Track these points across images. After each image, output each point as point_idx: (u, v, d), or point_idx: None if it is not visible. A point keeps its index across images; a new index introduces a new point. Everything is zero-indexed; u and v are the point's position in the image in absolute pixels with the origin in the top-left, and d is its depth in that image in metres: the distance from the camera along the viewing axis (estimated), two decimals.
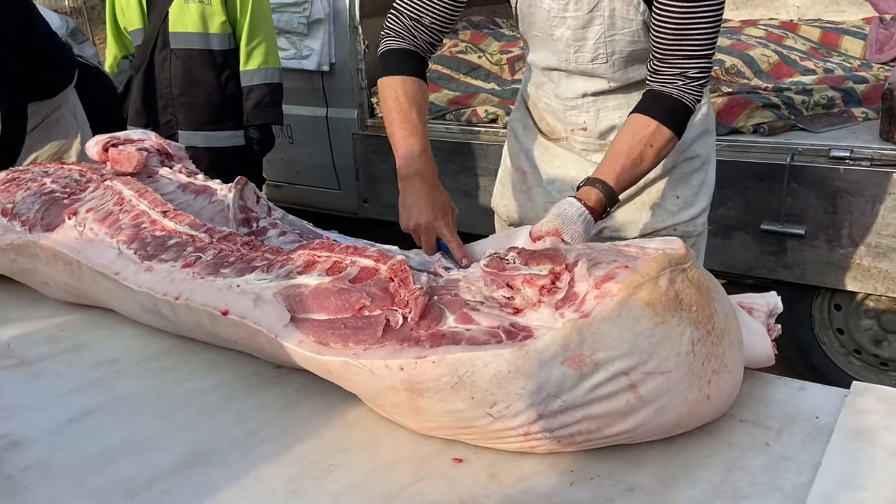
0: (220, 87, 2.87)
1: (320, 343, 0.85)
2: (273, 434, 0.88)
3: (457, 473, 0.79)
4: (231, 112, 2.92)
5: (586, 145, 1.49)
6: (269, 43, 2.87)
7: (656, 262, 0.79)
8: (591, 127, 1.46)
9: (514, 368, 0.75)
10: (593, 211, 1.17)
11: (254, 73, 2.86)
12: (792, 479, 0.76)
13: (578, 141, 1.49)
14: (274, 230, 1.32)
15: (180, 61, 2.81)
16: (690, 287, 0.79)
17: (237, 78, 2.90)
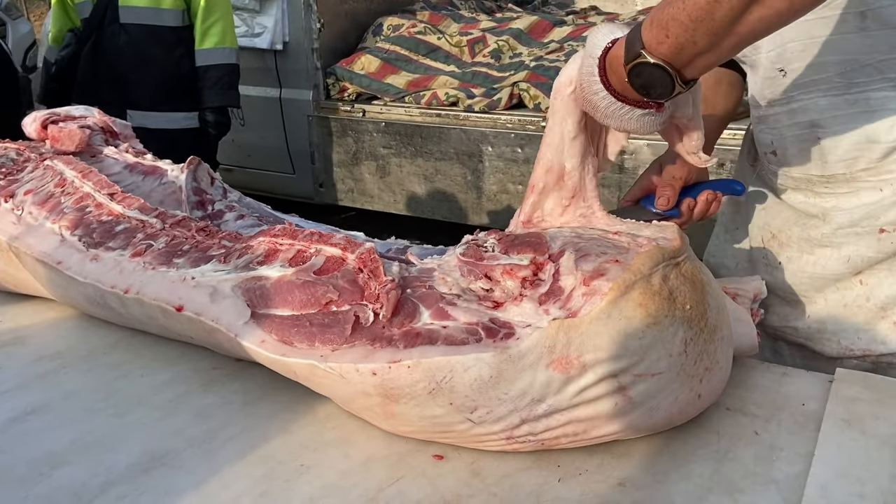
0: (173, 66, 2.76)
1: (284, 342, 0.78)
2: (236, 433, 0.82)
3: (438, 471, 0.75)
4: (184, 93, 2.81)
5: (780, 178, 1.09)
6: (226, 21, 2.77)
7: (649, 258, 0.74)
8: (780, 151, 1.07)
9: (496, 373, 0.70)
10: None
11: (210, 52, 2.75)
12: (785, 469, 0.73)
13: (770, 170, 1.12)
14: (231, 213, 1.25)
15: (130, 37, 2.68)
16: (685, 283, 0.75)
17: (191, 57, 2.78)
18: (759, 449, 0.77)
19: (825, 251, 1.05)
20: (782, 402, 0.85)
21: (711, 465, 0.75)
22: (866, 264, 1.02)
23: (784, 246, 1.11)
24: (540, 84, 3.10)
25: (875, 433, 0.77)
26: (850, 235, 1.03)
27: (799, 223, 1.08)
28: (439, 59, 3.50)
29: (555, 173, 0.89)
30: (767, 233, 1.14)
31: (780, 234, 1.12)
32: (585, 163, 0.89)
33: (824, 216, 1.05)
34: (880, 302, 1.02)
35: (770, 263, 1.13)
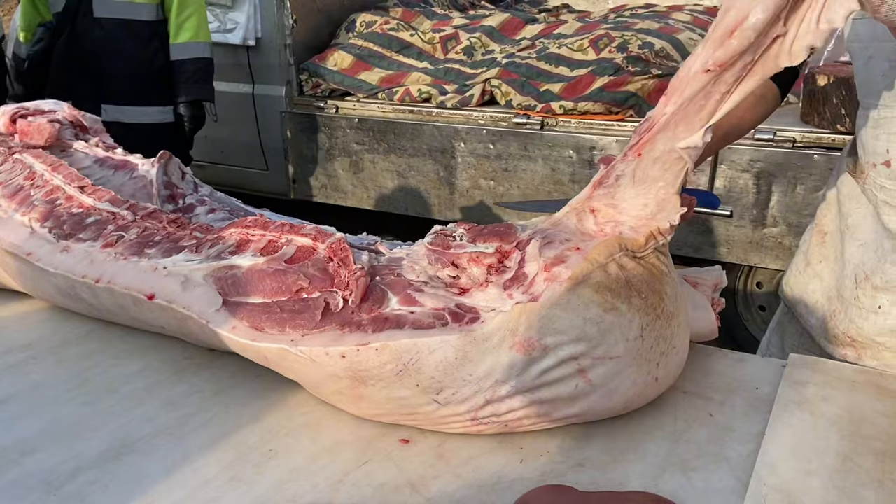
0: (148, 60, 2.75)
1: (255, 329, 0.80)
2: (206, 420, 0.83)
3: (404, 454, 0.77)
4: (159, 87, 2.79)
5: (888, 193, 0.98)
6: (200, 16, 2.76)
7: (606, 248, 0.77)
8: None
9: (461, 355, 0.72)
10: None
11: (185, 46, 2.74)
12: (737, 448, 0.77)
13: (878, 184, 0.99)
14: (202, 207, 1.26)
15: (104, 31, 2.66)
16: (643, 272, 0.78)
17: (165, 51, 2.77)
18: (713, 430, 0.80)
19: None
20: (737, 385, 0.89)
21: (667, 445, 0.78)
22: None
23: (880, 290, 1.00)
24: (511, 81, 3.13)
25: (823, 414, 0.81)
26: None
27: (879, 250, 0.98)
28: (412, 56, 3.52)
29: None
30: (861, 272, 1.02)
31: (875, 276, 1.00)
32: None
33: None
34: None
35: (865, 307, 1.02)
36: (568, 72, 3.13)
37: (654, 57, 3.00)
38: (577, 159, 2.85)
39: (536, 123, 2.93)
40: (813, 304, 1.11)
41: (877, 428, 0.78)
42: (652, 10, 3.95)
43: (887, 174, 0.97)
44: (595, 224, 0.81)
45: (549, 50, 3.33)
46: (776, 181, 2.33)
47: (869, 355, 1.04)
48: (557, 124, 2.90)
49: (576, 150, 2.85)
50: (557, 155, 2.91)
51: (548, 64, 3.22)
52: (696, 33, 3.26)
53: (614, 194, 0.80)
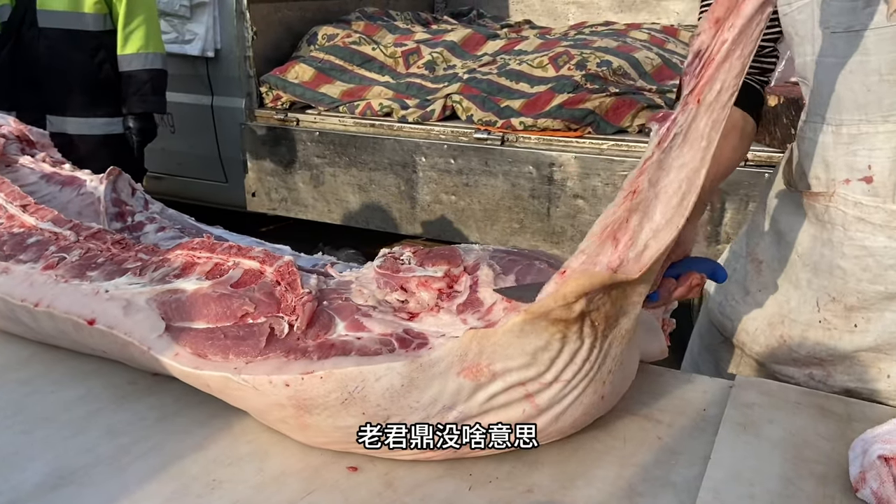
0: (94, 71, 2.70)
1: (198, 355, 0.78)
2: (148, 449, 0.81)
3: (351, 483, 0.76)
4: (107, 98, 2.74)
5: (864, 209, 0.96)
6: (149, 26, 2.71)
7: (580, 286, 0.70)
8: (880, 174, 0.94)
9: (407, 381, 0.72)
10: None
11: (132, 57, 2.69)
12: (683, 472, 0.77)
13: (851, 201, 0.97)
14: (151, 225, 1.23)
15: (50, 41, 2.61)
16: (609, 306, 0.74)
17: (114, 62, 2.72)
18: (661, 453, 0.81)
19: None
20: (685, 407, 0.90)
21: (615, 469, 0.78)
22: None
23: (855, 309, 0.99)
24: (472, 96, 3.14)
25: (768, 437, 0.82)
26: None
27: (882, 280, 0.96)
28: (374, 70, 3.51)
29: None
30: (825, 295, 1.01)
31: (848, 297, 0.99)
32: None
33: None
34: None
35: (837, 328, 1.02)
36: (528, 88, 3.15)
37: (612, 75, 3.04)
38: (537, 175, 2.87)
39: (497, 139, 2.95)
40: (755, 332, 1.11)
41: (819, 451, 0.79)
42: (611, 28, 4.01)
43: (865, 190, 0.96)
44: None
45: (510, 66, 3.35)
46: (729, 199, 2.37)
47: (840, 371, 1.04)
48: (517, 140, 2.92)
49: (535, 166, 2.87)
50: (517, 171, 2.93)
51: (508, 80, 3.24)
52: (652, 52, 3.32)
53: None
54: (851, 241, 0.98)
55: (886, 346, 0.99)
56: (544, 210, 2.88)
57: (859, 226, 0.97)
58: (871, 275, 0.97)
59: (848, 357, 1.02)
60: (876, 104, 0.92)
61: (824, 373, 1.05)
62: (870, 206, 0.96)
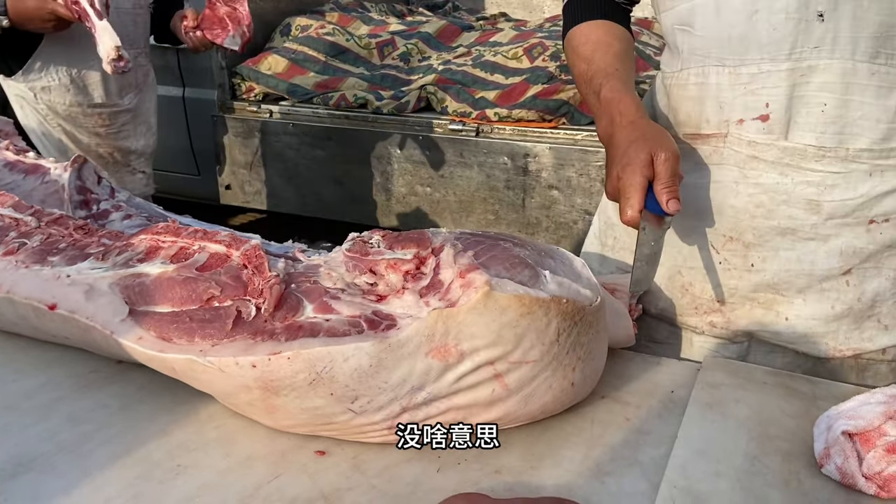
0: None
1: (163, 339, 0.77)
2: (111, 436, 0.79)
3: (319, 466, 0.75)
4: None
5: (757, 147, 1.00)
6: None
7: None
8: (776, 112, 0.98)
9: (375, 362, 0.71)
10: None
11: None
12: (650, 452, 0.77)
13: (745, 140, 1.01)
14: (117, 213, 1.21)
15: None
16: None
17: None
18: (629, 434, 0.81)
19: (810, 245, 1.00)
20: (653, 389, 0.90)
21: (583, 450, 0.78)
22: (857, 258, 0.99)
23: (752, 247, 1.03)
24: (447, 87, 3.14)
25: (734, 415, 0.82)
26: (841, 227, 0.98)
27: (776, 215, 1.00)
28: (348, 61, 3.49)
29: None
30: (720, 237, 1.05)
31: (745, 234, 1.02)
32: None
33: (814, 205, 0.98)
34: (868, 300, 1.00)
35: (736, 267, 1.05)
36: (503, 79, 3.15)
37: None
38: (512, 166, 2.88)
39: (472, 130, 2.94)
40: (656, 291, 1.12)
41: (784, 429, 0.80)
42: None
43: (760, 129, 0.99)
44: None
45: (485, 58, 3.35)
46: None
47: (739, 315, 1.06)
48: (492, 131, 2.92)
49: (510, 157, 2.87)
50: (493, 161, 2.93)
51: (483, 71, 3.24)
52: None
53: None
54: (745, 179, 1.01)
55: (783, 286, 1.02)
56: (519, 201, 2.89)
57: (752, 164, 1.00)
58: (765, 210, 1.00)
59: (748, 299, 1.05)
60: (778, 43, 0.95)
61: (725, 319, 1.08)
62: (763, 144, 0.99)
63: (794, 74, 0.95)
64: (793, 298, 1.03)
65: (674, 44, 1.08)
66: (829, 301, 1.02)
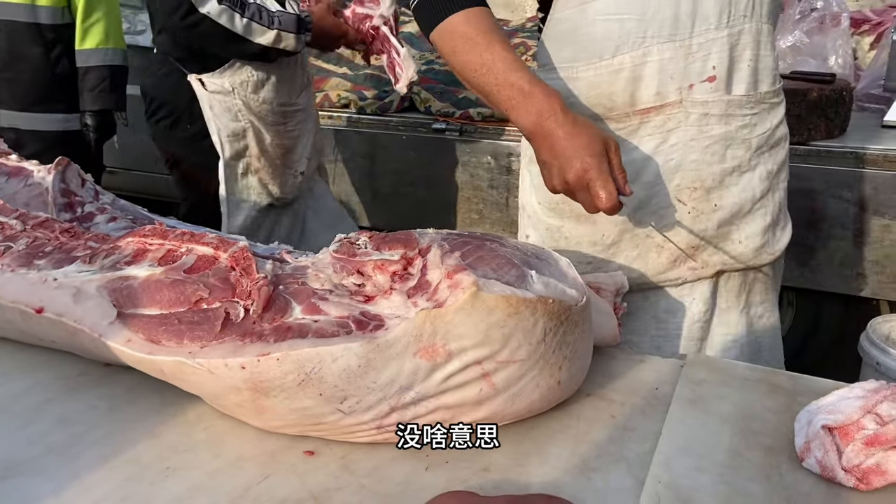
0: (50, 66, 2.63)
1: (151, 341, 0.77)
2: (99, 437, 0.79)
3: (308, 467, 0.75)
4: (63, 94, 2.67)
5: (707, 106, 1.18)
6: (109, 21, 2.65)
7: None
8: (720, 71, 1.16)
9: (364, 362, 0.72)
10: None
11: (90, 53, 2.63)
12: (635, 448, 0.79)
13: (699, 100, 1.17)
14: (102, 215, 1.21)
15: (3, 34, 2.53)
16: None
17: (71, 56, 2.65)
18: (614, 430, 0.82)
19: (748, 175, 1.22)
20: (638, 386, 0.92)
21: (570, 447, 0.79)
22: (772, 177, 1.24)
23: (712, 189, 1.21)
24: (430, 87, 3.14)
25: (716, 412, 0.84)
26: (762, 155, 1.23)
27: (725, 158, 1.20)
28: (331, 61, 3.48)
29: None
30: (685, 190, 1.21)
31: (706, 181, 1.21)
32: None
33: (747, 143, 1.20)
34: (778, 208, 1.27)
35: (703, 212, 1.22)
36: None
37: None
38: (496, 165, 2.89)
39: (455, 130, 2.95)
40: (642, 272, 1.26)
41: (766, 424, 0.81)
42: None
43: (708, 89, 1.17)
44: None
45: None
46: None
47: (710, 253, 1.24)
48: (475, 131, 2.93)
49: (494, 157, 2.88)
50: (476, 161, 2.94)
51: None
52: None
53: None
54: (701, 134, 1.19)
55: (737, 215, 1.24)
56: (503, 200, 2.90)
57: (704, 120, 1.18)
58: (718, 156, 1.20)
59: (715, 236, 1.24)
60: (719, 14, 1.14)
61: (698, 263, 1.25)
62: (712, 102, 1.17)
63: (730, 38, 1.15)
64: (741, 223, 1.24)
65: (590, 34, 1.16)
66: (762, 216, 1.25)
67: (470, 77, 1.11)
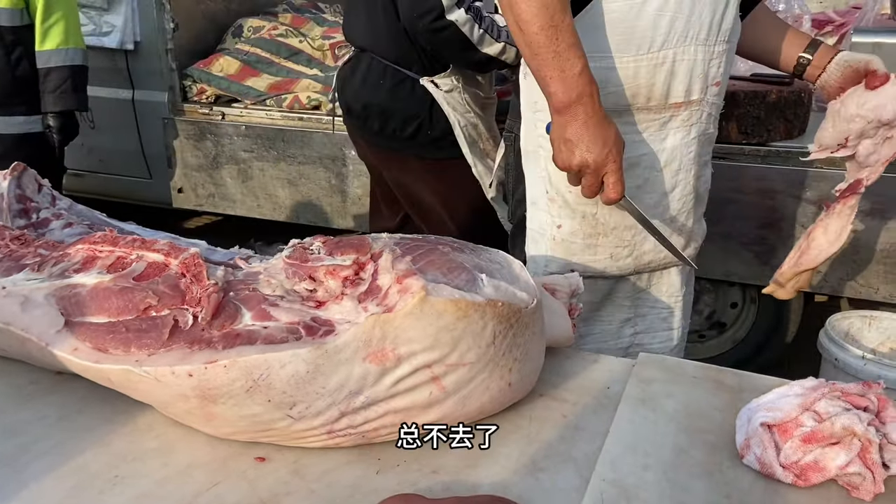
0: (10, 68, 2.60)
1: (98, 350, 0.76)
2: (49, 447, 0.79)
3: (258, 473, 0.76)
4: (23, 96, 2.64)
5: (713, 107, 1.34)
6: (69, 21, 2.62)
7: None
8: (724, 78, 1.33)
9: (312, 368, 0.72)
10: None
11: (51, 53, 2.60)
12: (584, 447, 0.80)
13: (709, 103, 1.33)
14: (58, 221, 1.19)
15: None
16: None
17: (31, 58, 2.62)
18: (564, 430, 0.83)
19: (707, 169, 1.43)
20: (590, 385, 0.93)
21: (520, 447, 0.80)
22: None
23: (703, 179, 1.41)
24: None
25: (664, 410, 0.86)
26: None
27: (710, 152, 1.40)
28: (301, 63, 3.47)
29: None
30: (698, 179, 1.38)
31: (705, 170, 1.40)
32: None
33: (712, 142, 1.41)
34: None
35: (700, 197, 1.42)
36: None
37: None
38: None
39: None
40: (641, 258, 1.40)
41: (711, 421, 0.83)
42: None
43: (715, 92, 1.32)
44: None
45: None
46: None
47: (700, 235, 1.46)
48: None
49: None
50: None
51: None
52: None
53: None
54: (707, 131, 1.35)
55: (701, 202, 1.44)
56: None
57: (709, 119, 1.34)
58: (707, 150, 1.39)
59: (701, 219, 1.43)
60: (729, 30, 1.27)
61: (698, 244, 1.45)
62: (716, 105, 1.34)
63: (728, 53, 1.30)
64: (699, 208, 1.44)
65: (640, 27, 1.23)
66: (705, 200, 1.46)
67: (533, 31, 1.11)
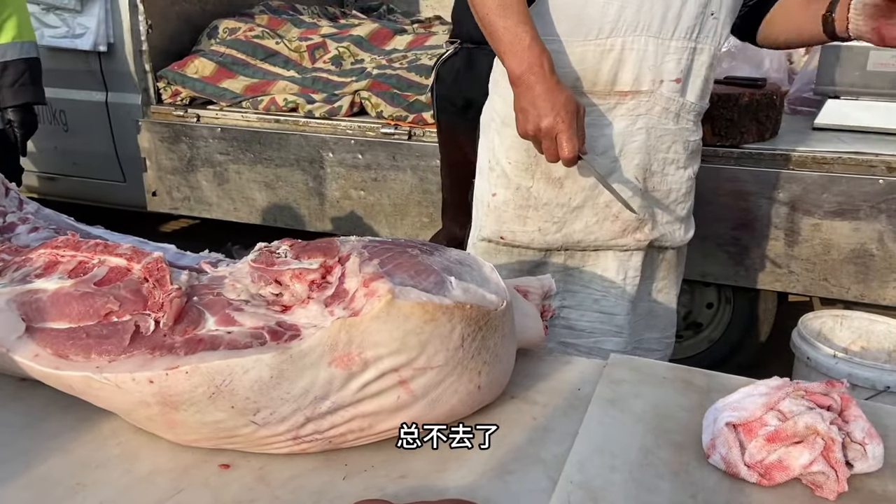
0: None
1: (59, 356, 0.75)
2: (11, 455, 0.77)
3: (222, 480, 0.75)
4: None
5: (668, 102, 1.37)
6: (20, 15, 2.59)
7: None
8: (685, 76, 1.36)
9: (276, 373, 0.71)
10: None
11: (7, 47, 2.56)
12: (553, 449, 0.80)
13: (665, 97, 1.37)
14: (24, 226, 1.17)
15: None
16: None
17: None
18: (534, 432, 0.83)
19: (681, 171, 1.45)
20: (561, 387, 0.93)
21: (490, 450, 0.80)
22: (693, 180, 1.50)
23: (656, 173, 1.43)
24: (382, 93, 3.13)
25: (633, 411, 0.86)
26: (692, 158, 1.47)
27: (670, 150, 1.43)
28: (278, 64, 3.45)
29: None
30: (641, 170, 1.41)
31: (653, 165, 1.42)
32: None
33: (686, 144, 1.43)
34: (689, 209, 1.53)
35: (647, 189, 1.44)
36: None
37: None
38: None
39: (404, 133, 2.95)
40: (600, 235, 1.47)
41: (678, 422, 0.83)
42: None
43: (674, 89, 1.35)
44: None
45: (421, 61, 3.35)
46: None
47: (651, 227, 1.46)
48: (424, 135, 2.93)
49: None
50: (425, 164, 2.94)
51: (418, 75, 3.25)
52: None
53: None
54: (658, 125, 1.38)
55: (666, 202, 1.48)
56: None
57: (663, 114, 1.38)
58: (665, 147, 1.41)
59: (652, 215, 1.45)
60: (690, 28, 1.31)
61: (641, 235, 1.45)
62: (672, 100, 1.36)
63: (692, 52, 1.34)
64: (667, 210, 1.47)
65: (589, 14, 1.29)
66: (681, 209, 1.49)
67: (485, 12, 1.24)
